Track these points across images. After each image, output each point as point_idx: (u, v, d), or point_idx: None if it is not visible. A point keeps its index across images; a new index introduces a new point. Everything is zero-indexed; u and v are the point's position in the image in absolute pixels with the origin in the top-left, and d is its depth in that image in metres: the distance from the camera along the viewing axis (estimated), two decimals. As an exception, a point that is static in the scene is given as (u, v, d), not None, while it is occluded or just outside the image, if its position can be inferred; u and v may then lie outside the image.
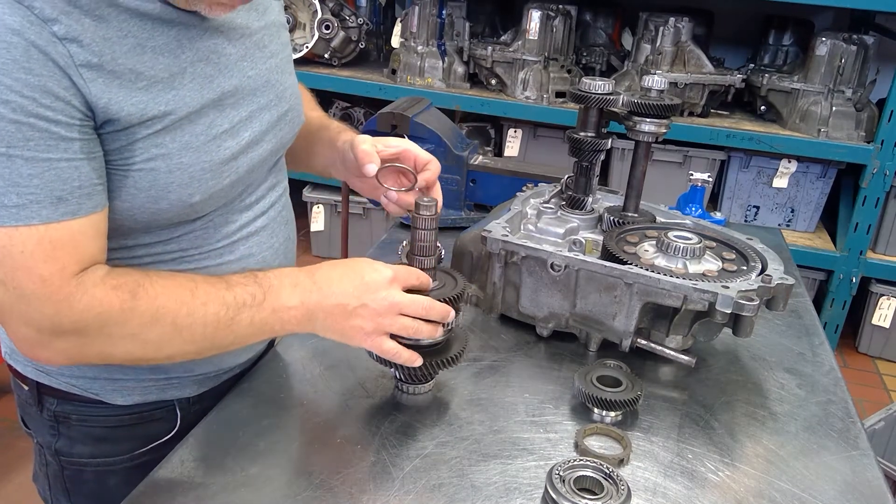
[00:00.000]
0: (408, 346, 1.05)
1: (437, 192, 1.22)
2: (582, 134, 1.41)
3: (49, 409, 1.13)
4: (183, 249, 1.05)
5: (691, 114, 3.35)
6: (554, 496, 0.86)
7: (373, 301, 0.99)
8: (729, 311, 1.13)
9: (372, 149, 1.17)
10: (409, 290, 1.03)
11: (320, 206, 3.96)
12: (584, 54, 3.64)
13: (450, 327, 1.09)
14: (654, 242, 1.30)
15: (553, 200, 1.48)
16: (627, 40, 3.75)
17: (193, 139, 0.96)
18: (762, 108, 3.40)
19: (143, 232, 1.00)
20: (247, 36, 1.05)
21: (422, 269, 1.07)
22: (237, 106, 1.03)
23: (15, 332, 0.91)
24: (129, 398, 1.12)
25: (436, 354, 1.09)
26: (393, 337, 1.03)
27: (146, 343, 0.93)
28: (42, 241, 0.85)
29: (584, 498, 0.86)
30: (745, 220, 3.48)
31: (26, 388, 1.15)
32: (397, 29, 3.72)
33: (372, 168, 1.15)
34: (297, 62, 1.26)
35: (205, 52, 0.97)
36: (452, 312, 1.06)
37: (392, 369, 1.11)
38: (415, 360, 1.04)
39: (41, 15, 0.80)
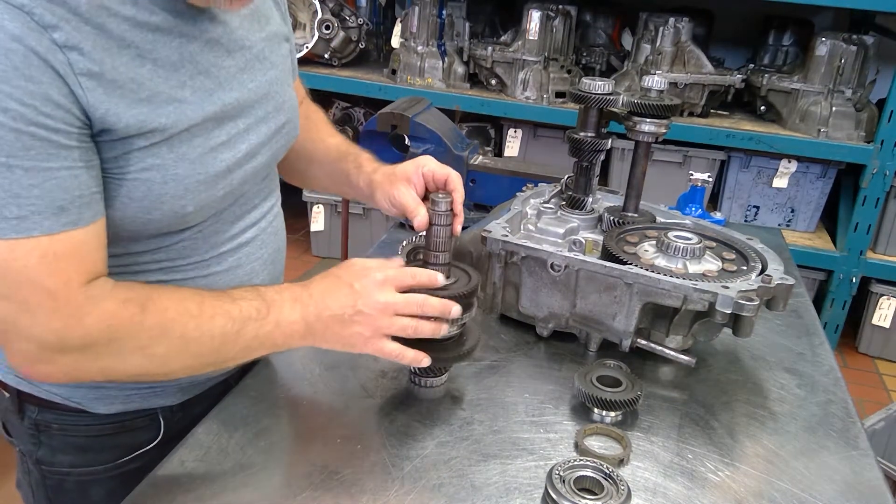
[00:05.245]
0: (420, 342, 1.05)
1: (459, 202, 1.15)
2: (582, 134, 1.41)
3: (30, 417, 1.11)
4: (171, 259, 1.03)
5: (691, 114, 3.35)
6: (554, 496, 0.87)
7: (366, 306, 0.99)
8: (729, 311, 1.13)
9: (417, 203, 1.13)
10: (410, 291, 1.03)
11: (320, 206, 3.96)
12: (584, 54, 3.64)
13: (462, 321, 1.09)
14: (654, 242, 1.29)
15: (553, 200, 1.48)
16: (627, 40, 3.75)
17: (190, 151, 0.95)
18: (762, 108, 3.40)
19: (130, 240, 0.98)
20: (246, 48, 1.04)
21: (436, 265, 1.07)
22: (236, 118, 1.02)
23: (14, 348, 0.88)
24: (112, 407, 1.10)
25: (450, 348, 1.09)
26: (398, 339, 1.03)
27: (153, 357, 0.92)
28: (45, 253, 0.83)
29: (584, 498, 0.87)
30: (745, 220, 3.48)
31: (7, 395, 1.13)
32: (397, 29, 3.72)
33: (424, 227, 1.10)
34: (298, 62, 1.25)
35: (205, 66, 0.96)
36: (456, 307, 1.03)
37: None
38: (420, 359, 1.03)
39: (41, 21, 0.78)
